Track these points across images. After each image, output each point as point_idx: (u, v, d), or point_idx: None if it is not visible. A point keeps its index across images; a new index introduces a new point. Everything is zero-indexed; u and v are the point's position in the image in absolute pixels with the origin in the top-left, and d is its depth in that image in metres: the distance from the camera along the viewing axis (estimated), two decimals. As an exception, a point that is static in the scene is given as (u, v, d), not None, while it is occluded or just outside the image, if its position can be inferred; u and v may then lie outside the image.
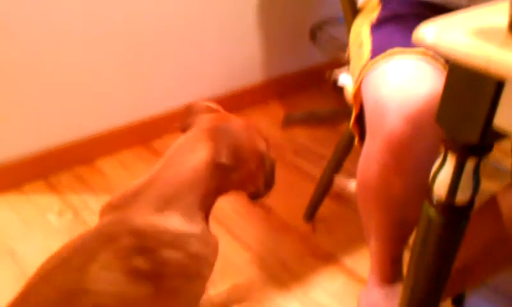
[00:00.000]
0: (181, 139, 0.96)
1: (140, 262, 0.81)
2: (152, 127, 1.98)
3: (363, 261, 1.41)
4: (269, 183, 1.00)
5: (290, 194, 1.72)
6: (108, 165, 1.87)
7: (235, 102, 2.15)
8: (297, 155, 1.92)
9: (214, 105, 1.03)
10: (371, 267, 1.18)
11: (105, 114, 1.87)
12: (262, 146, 0.97)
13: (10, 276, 1.39)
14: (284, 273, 1.42)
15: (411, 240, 1.00)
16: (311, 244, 1.52)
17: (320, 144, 1.96)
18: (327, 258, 1.46)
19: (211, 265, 0.91)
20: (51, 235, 1.54)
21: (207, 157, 0.90)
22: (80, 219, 1.61)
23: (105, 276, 0.80)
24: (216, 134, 0.92)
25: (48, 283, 0.82)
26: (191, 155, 0.91)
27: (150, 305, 0.83)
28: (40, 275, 0.84)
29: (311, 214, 1.59)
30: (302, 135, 2.03)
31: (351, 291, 1.34)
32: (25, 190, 1.73)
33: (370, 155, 0.97)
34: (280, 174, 1.80)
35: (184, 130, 0.99)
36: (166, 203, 0.86)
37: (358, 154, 1.07)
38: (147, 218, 0.84)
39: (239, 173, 0.93)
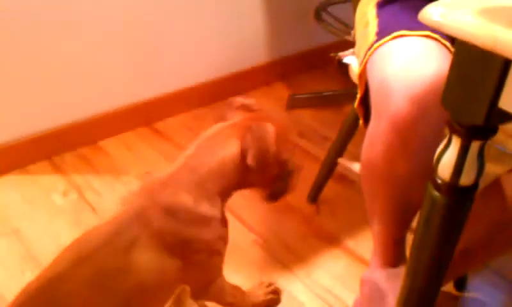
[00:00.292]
0: (213, 130, 1.01)
1: (172, 239, 0.93)
2: (155, 108, 1.98)
3: (366, 243, 1.41)
4: (285, 189, 1.09)
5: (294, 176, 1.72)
6: (111, 145, 1.87)
7: (238, 82, 2.14)
8: (302, 136, 1.92)
9: (255, 104, 1.08)
10: (374, 249, 1.19)
11: (108, 94, 1.87)
12: (287, 154, 1.02)
13: (16, 255, 1.40)
14: (287, 254, 1.42)
15: (414, 223, 1.00)
16: (314, 225, 1.52)
17: (324, 125, 1.95)
18: (330, 239, 1.47)
19: (226, 244, 1.04)
20: (55, 214, 1.55)
21: (235, 154, 0.97)
22: (84, 199, 1.62)
23: (144, 255, 0.91)
24: (247, 134, 0.96)
25: (88, 264, 0.90)
26: (221, 148, 0.97)
27: (179, 278, 0.94)
28: (74, 257, 0.92)
29: (315, 196, 1.59)
30: (306, 116, 2.03)
31: (353, 273, 1.35)
32: (29, 171, 1.73)
33: (375, 136, 0.97)
34: (284, 156, 1.81)
35: (217, 121, 1.04)
36: (195, 188, 0.95)
37: (363, 136, 1.07)
38: (178, 200, 0.94)
39: (260, 175, 1.01)
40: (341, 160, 1.49)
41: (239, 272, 1.35)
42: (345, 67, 1.28)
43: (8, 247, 1.43)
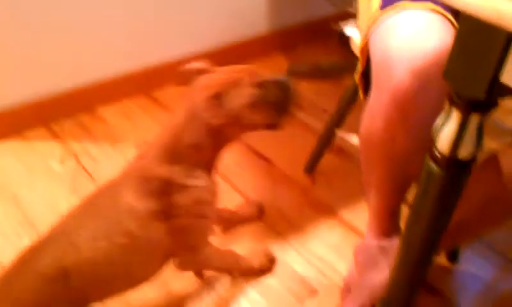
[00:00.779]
0: (178, 110, 1.03)
1: (150, 206, 0.98)
2: (153, 77, 1.97)
3: (361, 215, 1.43)
4: (282, 108, 1.07)
5: (291, 147, 1.73)
6: (109, 113, 1.86)
7: (238, 52, 2.13)
8: (300, 107, 1.91)
9: (203, 66, 1.08)
10: (369, 220, 1.20)
11: (107, 62, 1.86)
12: (249, 91, 1.00)
13: (14, 221, 1.41)
14: (283, 224, 1.44)
15: (409, 195, 1.01)
16: (310, 196, 1.54)
17: (323, 97, 1.95)
18: (326, 210, 1.48)
19: (213, 208, 1.07)
20: (53, 181, 1.56)
21: (197, 129, 0.99)
22: (82, 165, 1.62)
23: (132, 222, 0.98)
24: (201, 102, 0.98)
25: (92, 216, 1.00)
26: (178, 119, 1.00)
27: (166, 239, 1.01)
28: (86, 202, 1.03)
29: (311, 167, 1.60)
30: (305, 88, 2.02)
31: (348, 243, 1.36)
32: (27, 137, 1.73)
33: (375, 109, 0.97)
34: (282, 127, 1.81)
35: (180, 84, 1.07)
36: (168, 159, 0.99)
37: (361, 109, 1.07)
38: (162, 169, 0.99)
39: (241, 123, 1.01)
40: (339, 133, 1.49)
41: (234, 240, 1.37)
42: (346, 39, 1.27)
43: (5, 212, 1.44)
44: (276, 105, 1.05)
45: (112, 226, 0.97)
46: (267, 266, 1.29)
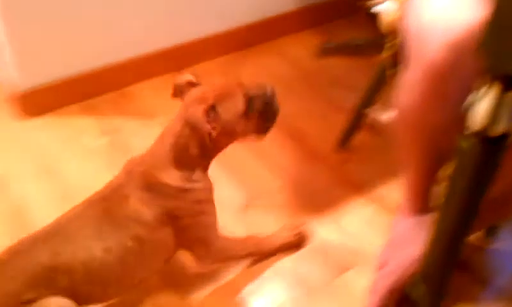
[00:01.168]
0: (175, 119, 1.09)
1: (161, 209, 1.05)
2: (184, 54, 1.98)
3: (394, 192, 1.42)
4: (268, 118, 1.14)
5: (323, 124, 1.72)
6: (141, 90, 1.89)
7: (267, 30, 2.12)
8: (332, 85, 1.91)
9: (192, 79, 1.14)
10: (404, 196, 1.19)
11: (139, 39, 1.87)
12: (240, 103, 1.08)
13: (51, 195, 1.46)
14: (315, 200, 1.44)
15: (445, 171, 1.00)
16: (342, 173, 1.53)
17: (355, 74, 1.92)
18: (358, 187, 1.48)
19: (211, 203, 1.13)
20: (88, 156, 1.59)
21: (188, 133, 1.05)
22: (115, 141, 1.65)
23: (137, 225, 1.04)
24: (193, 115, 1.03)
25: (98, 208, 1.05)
26: (172, 131, 1.07)
27: (171, 241, 1.09)
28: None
29: (343, 144, 1.59)
30: (337, 65, 2.00)
31: (381, 221, 1.36)
32: (63, 113, 1.77)
33: (410, 84, 0.96)
34: (314, 105, 1.80)
35: (176, 96, 1.14)
36: (167, 164, 1.06)
37: (393, 85, 1.06)
38: (164, 175, 1.05)
39: (232, 134, 1.10)
40: (371, 110, 1.48)
41: (266, 216, 1.38)
42: (374, 16, 1.25)
43: (42, 187, 1.48)
44: (263, 115, 1.13)
45: (121, 229, 1.03)
46: (298, 241, 1.30)
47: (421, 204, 1.14)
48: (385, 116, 1.44)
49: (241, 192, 1.46)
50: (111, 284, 1.05)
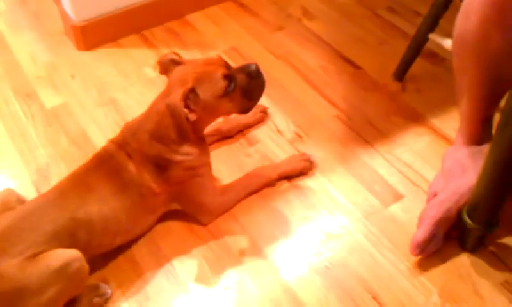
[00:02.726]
0: (159, 98, 1.16)
1: (156, 174, 1.13)
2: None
3: (450, 122, 1.38)
4: (252, 95, 1.16)
5: (381, 52, 1.68)
6: (198, 20, 1.89)
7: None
8: (391, 11, 1.83)
9: (176, 57, 1.16)
10: (460, 126, 1.17)
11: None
12: (220, 83, 1.10)
13: (112, 122, 1.52)
14: (369, 130, 1.43)
15: (502, 102, 0.96)
16: (399, 102, 1.50)
17: (415, -1, 1.84)
18: (414, 117, 1.45)
19: (205, 166, 1.19)
20: (147, 86, 1.63)
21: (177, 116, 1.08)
22: (174, 71, 1.68)
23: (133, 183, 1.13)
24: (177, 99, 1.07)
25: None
26: (158, 114, 1.12)
27: (166, 201, 1.18)
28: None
29: (401, 73, 1.55)
30: (397, -11, 1.92)
31: (436, 150, 1.34)
32: (121, 44, 1.81)
33: (471, 8, 0.93)
34: (371, 31, 1.75)
35: (162, 73, 1.18)
36: (159, 142, 1.12)
37: (456, 11, 1.01)
38: (153, 148, 1.12)
39: (213, 114, 1.15)
40: (432, 36, 1.42)
41: (320, 145, 1.39)
42: None
43: (105, 115, 1.55)
44: (246, 92, 1.15)
45: (128, 188, 1.11)
46: (307, 166, 1.32)
47: (477, 134, 1.12)
48: (448, 42, 1.38)
49: (296, 121, 1.47)
50: (120, 234, 1.14)
